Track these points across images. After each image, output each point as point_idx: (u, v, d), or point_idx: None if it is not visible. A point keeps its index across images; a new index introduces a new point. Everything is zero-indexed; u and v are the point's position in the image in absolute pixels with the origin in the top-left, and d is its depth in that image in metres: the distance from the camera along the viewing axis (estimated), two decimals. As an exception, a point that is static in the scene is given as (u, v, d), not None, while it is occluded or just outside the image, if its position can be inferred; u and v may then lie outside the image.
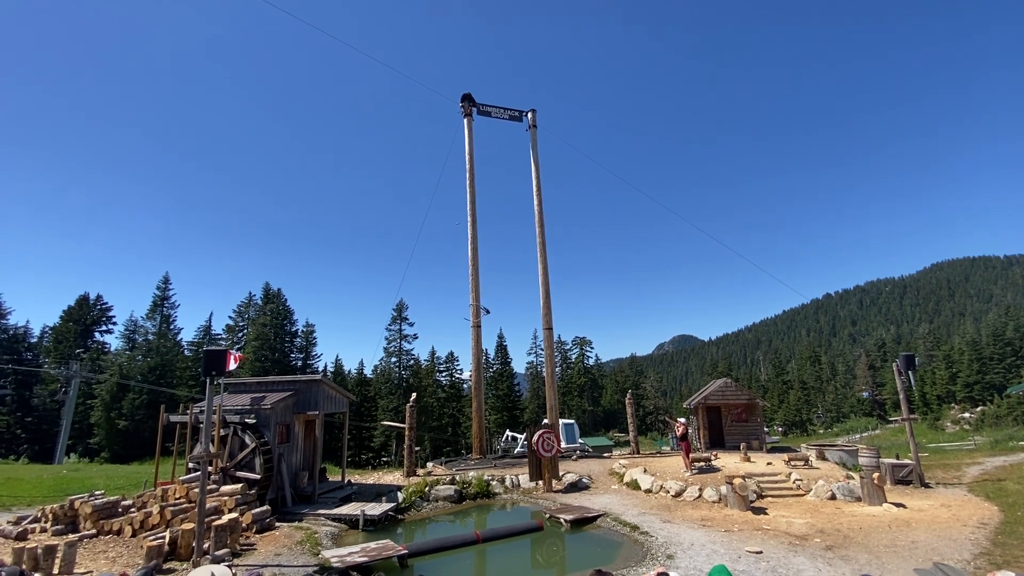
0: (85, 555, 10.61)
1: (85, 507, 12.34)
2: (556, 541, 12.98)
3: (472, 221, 29.23)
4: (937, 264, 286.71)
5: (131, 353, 54.05)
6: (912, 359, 18.92)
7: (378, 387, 63.70)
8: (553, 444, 18.80)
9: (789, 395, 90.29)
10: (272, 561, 10.50)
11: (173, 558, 10.47)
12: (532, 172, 31.14)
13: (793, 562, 9.92)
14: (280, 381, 18.10)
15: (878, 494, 14.62)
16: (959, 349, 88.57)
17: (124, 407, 47.69)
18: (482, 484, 18.22)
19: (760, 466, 18.52)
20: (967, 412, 77.18)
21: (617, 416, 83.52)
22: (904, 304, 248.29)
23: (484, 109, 31.85)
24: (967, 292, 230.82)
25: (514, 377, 76.28)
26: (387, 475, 22.19)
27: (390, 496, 16.61)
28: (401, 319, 68.61)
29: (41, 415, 50.27)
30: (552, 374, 29.15)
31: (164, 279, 59.77)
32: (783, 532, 12.09)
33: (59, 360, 52.64)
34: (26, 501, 16.44)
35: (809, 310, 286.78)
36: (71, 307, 56.85)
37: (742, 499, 14.56)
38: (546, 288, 29.16)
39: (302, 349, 62.17)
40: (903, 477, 17.55)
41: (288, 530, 13.01)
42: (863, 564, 9.62)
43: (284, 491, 15.66)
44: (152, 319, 58.05)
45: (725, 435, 24.25)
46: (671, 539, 11.74)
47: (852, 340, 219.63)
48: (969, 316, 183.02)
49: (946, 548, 10.39)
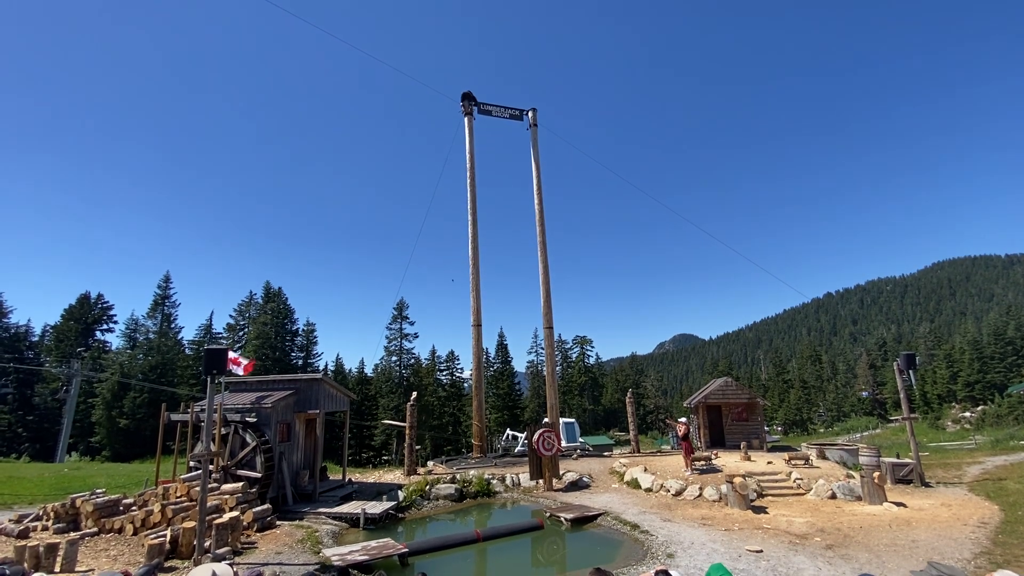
0: (87, 553, 10.64)
1: (87, 505, 12.37)
2: (556, 540, 12.99)
3: (472, 220, 29.21)
4: (938, 263, 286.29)
5: (132, 352, 54.04)
6: (913, 358, 18.90)
7: (379, 386, 63.71)
8: (553, 443, 18.81)
9: (790, 394, 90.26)
10: (273, 559, 10.52)
11: (174, 556, 10.50)
12: (533, 171, 31.13)
13: (793, 561, 9.92)
14: (281, 380, 18.11)
15: (878, 493, 14.62)
16: (960, 348, 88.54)
17: (125, 406, 47.71)
18: (482, 483, 18.24)
19: (760, 465, 18.52)
20: (968, 411, 77.15)
21: (617, 415, 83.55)
22: (905, 303, 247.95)
23: (485, 108, 31.82)
24: (968, 291, 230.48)
25: (514, 376, 76.28)
26: (388, 474, 22.21)
27: (391, 495, 16.64)
28: (402, 318, 68.61)
29: (42, 414, 50.32)
30: (552, 373, 29.16)
31: (165, 278, 59.76)
32: (783, 531, 12.09)
33: (60, 359, 52.67)
34: (28, 499, 16.49)
35: (810, 309, 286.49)
36: (72, 306, 56.85)
37: (742, 498, 14.57)
38: (547, 287, 29.15)
39: (303, 348, 62.17)
40: (904, 476, 17.54)
41: (289, 528, 13.03)
42: (863, 563, 9.62)
43: (285, 489, 15.68)
44: (153, 318, 58.01)
45: (726, 434, 24.25)
46: (671, 538, 11.75)
47: (853, 339, 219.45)
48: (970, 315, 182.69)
49: (947, 547, 10.39)
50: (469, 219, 29.26)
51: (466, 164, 30.22)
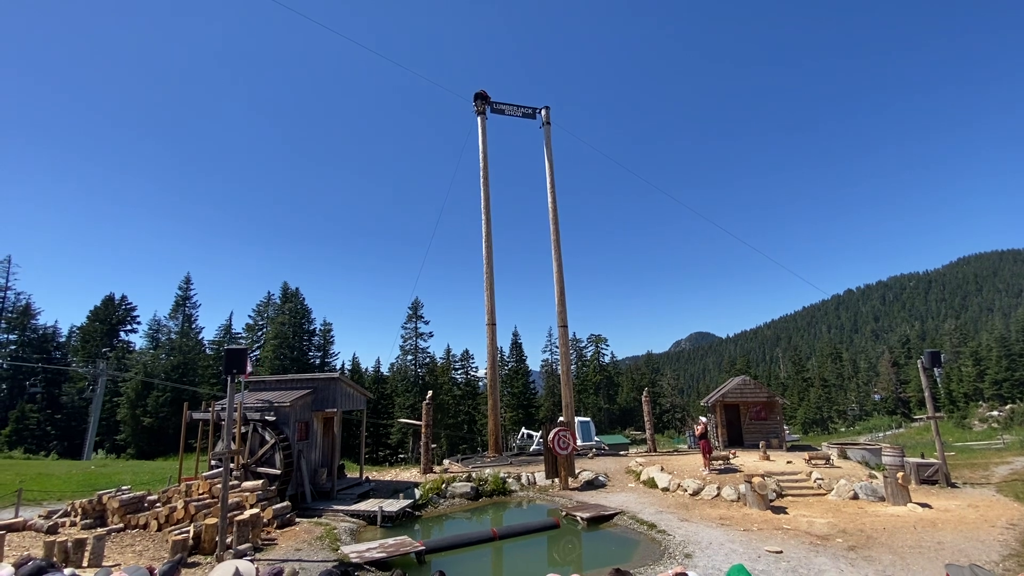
0: (113, 548, 10.91)
1: (113, 502, 12.70)
2: (573, 539, 12.96)
3: (486, 220, 29.23)
4: (964, 258, 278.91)
5: (155, 352, 55.27)
6: (938, 356, 18.46)
7: (395, 385, 64.23)
8: (569, 442, 18.76)
9: (809, 393, 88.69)
10: (293, 556, 10.67)
11: (197, 552, 10.70)
12: (546, 169, 31.02)
13: (814, 562, 9.76)
14: (299, 379, 18.36)
15: (902, 494, 14.31)
16: (987, 345, 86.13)
17: (149, 404, 48.84)
18: (498, 481, 18.28)
19: (780, 465, 18.25)
20: (995, 410, 75.05)
21: (633, 414, 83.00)
22: (929, 299, 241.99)
23: (498, 107, 31.78)
24: (995, 286, 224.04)
25: (529, 375, 76.25)
26: (404, 472, 22.37)
27: (407, 493, 16.76)
28: (417, 317, 69.03)
29: (70, 412, 51.73)
30: (567, 371, 29.05)
31: (186, 279, 60.97)
32: (804, 532, 11.90)
33: (86, 359, 54.11)
34: (56, 496, 16.96)
35: (830, 306, 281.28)
36: (97, 307, 58.33)
37: (761, 498, 14.37)
38: (561, 285, 29.05)
39: (320, 347, 62.96)
40: (928, 477, 17.14)
41: (308, 525, 13.21)
42: (887, 565, 9.43)
43: (304, 487, 15.90)
44: (175, 318, 59.27)
45: (744, 433, 23.94)
46: (689, 538, 11.64)
47: (875, 336, 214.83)
48: (998, 311, 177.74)
49: (974, 549, 10.12)
50: (483, 218, 29.29)
51: (479, 164, 30.23)
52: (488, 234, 28.96)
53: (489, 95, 31.41)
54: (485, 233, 28.98)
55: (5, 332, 52.87)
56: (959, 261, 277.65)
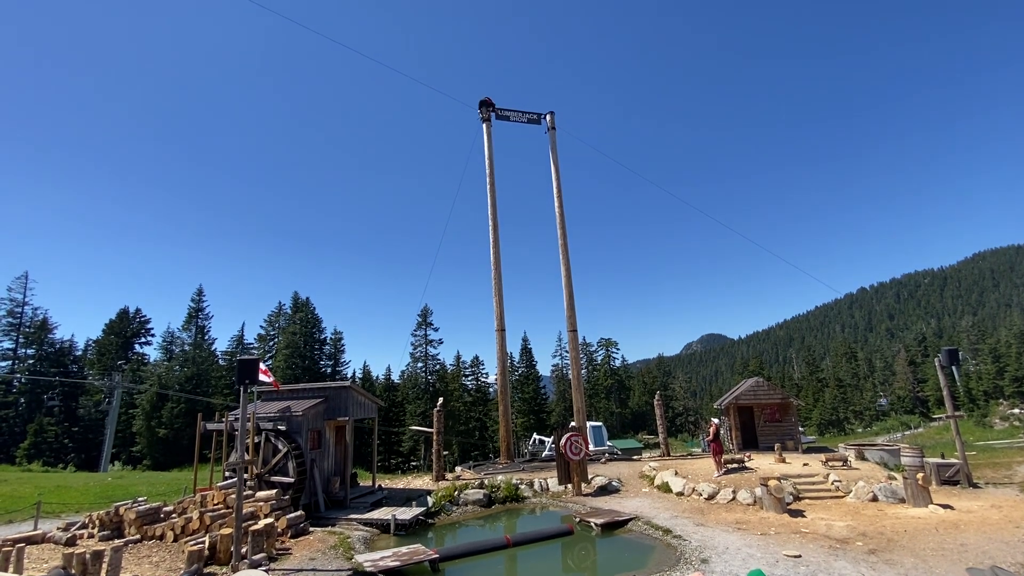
0: (130, 559, 11.00)
1: (129, 513, 12.81)
2: (587, 545, 12.86)
3: (493, 226, 29.31)
4: (979, 253, 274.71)
5: (169, 364, 55.93)
6: (955, 353, 18.16)
7: (405, 392, 64.36)
8: (581, 447, 18.66)
9: (824, 393, 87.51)
10: (307, 565, 10.69)
11: (213, 562, 10.76)
12: (552, 175, 31.06)
13: (834, 567, 9.59)
14: (311, 388, 18.47)
15: (923, 495, 14.04)
16: (1006, 342, 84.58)
17: (163, 416, 49.38)
18: (511, 488, 18.21)
19: (796, 467, 18.00)
20: (1017, 408, 73.53)
21: (645, 418, 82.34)
22: (945, 296, 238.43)
23: (502, 114, 31.92)
24: (1013, 282, 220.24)
25: (540, 380, 76.02)
26: (416, 479, 22.37)
27: (420, 500, 16.75)
28: (426, 324, 69.21)
29: (87, 425, 52.45)
30: (578, 376, 28.94)
31: (198, 292, 61.69)
32: (822, 535, 11.71)
33: (102, 372, 54.91)
34: (74, 508, 17.16)
35: (843, 305, 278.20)
36: (112, 320, 59.21)
37: (778, 501, 14.17)
38: (569, 290, 29.01)
39: (331, 356, 63.34)
40: (949, 477, 16.79)
41: (321, 535, 13.24)
42: (909, 569, 9.25)
43: (317, 496, 15.95)
44: (188, 330, 59.95)
45: (758, 436, 23.66)
46: (705, 543, 11.51)
47: (890, 335, 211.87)
48: (1016, 307, 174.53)
49: (998, 551, 9.90)
50: (490, 224, 29.38)
51: (485, 171, 30.37)
52: (495, 240, 29.03)
53: (494, 102, 31.59)
54: (492, 239, 29.05)
55: (23, 347, 53.81)
56: (975, 257, 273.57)
